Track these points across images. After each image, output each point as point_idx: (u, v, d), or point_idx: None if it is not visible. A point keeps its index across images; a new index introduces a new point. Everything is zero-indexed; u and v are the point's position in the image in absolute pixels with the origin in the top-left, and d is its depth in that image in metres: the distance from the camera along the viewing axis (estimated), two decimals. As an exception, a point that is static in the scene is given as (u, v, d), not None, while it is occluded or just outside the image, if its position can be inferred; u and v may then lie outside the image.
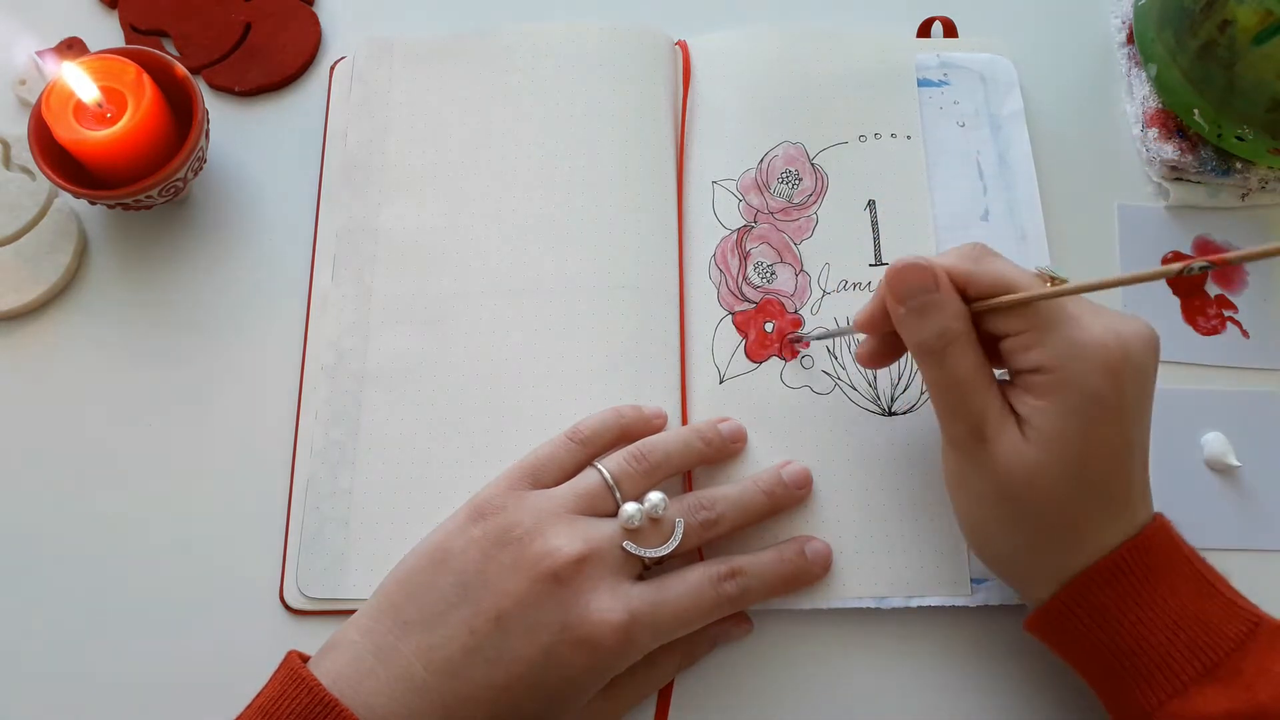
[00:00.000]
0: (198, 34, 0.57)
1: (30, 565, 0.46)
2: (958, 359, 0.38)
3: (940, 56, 0.55)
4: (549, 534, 0.39)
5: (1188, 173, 0.52)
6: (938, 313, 0.38)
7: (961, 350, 0.38)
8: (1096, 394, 0.36)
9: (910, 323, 0.39)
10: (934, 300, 0.38)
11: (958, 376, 0.38)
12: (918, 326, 0.38)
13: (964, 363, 0.38)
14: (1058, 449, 0.36)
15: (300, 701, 0.35)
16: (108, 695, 0.44)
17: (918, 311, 0.38)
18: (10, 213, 0.52)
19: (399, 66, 0.55)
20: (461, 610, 0.37)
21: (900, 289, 0.39)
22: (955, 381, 0.38)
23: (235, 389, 0.49)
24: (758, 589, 0.42)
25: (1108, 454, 0.37)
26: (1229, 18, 0.47)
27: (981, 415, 0.38)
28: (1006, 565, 0.41)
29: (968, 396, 0.38)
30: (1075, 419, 0.36)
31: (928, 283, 0.38)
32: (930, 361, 0.38)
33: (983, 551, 0.41)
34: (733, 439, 0.46)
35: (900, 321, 0.39)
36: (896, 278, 0.39)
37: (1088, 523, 0.38)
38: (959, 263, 0.39)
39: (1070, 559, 0.38)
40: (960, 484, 0.40)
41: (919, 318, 0.38)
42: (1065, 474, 0.37)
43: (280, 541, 0.46)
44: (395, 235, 0.51)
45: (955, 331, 0.38)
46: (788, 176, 0.52)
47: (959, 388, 0.38)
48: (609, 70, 0.54)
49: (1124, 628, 0.37)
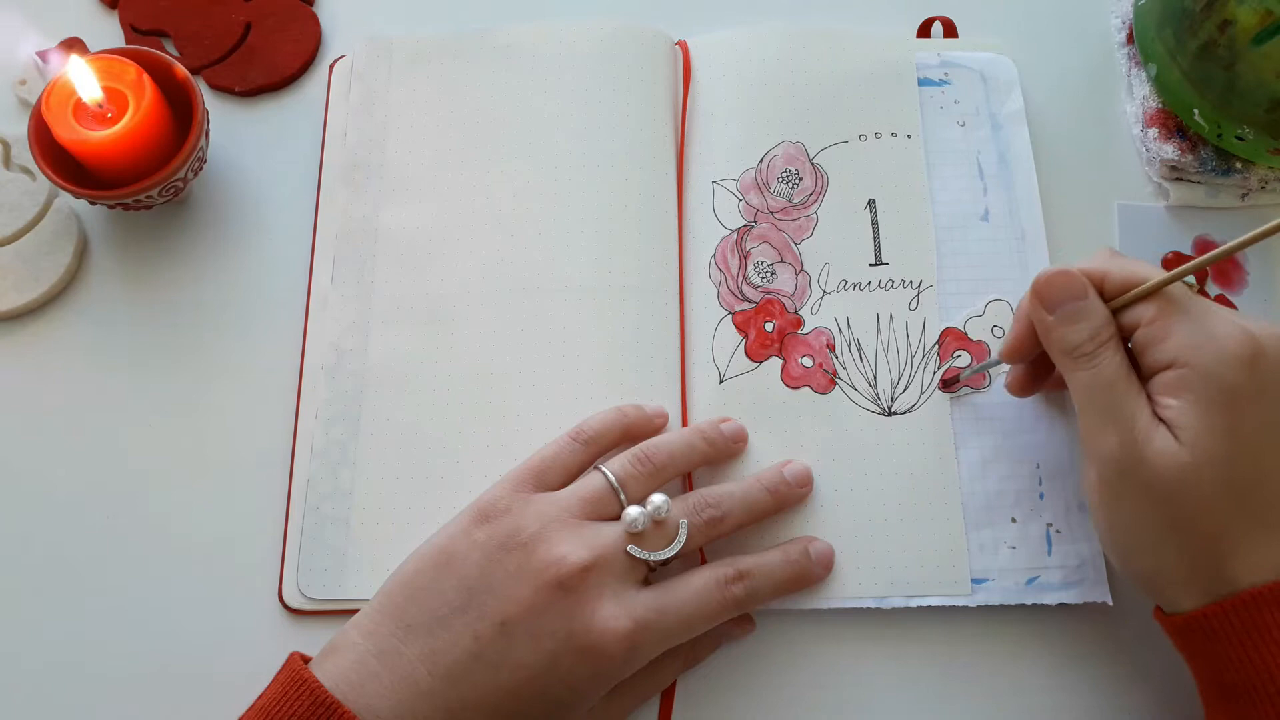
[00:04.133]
0: (198, 34, 0.57)
1: (30, 565, 0.47)
2: (1108, 360, 0.38)
3: (940, 56, 0.55)
4: (554, 540, 0.39)
5: (1188, 173, 0.52)
6: (1088, 317, 0.38)
7: (1112, 351, 0.38)
8: (1232, 386, 0.36)
9: (1060, 330, 0.39)
10: (1083, 306, 0.39)
11: (1109, 378, 0.38)
12: (1068, 332, 0.39)
13: (1114, 362, 0.38)
14: (1206, 447, 0.36)
15: (302, 703, 0.35)
16: (107, 695, 0.44)
17: (1069, 318, 0.39)
18: (10, 213, 0.52)
19: (398, 66, 0.55)
20: (465, 615, 0.37)
21: (1050, 297, 0.39)
22: (1108, 383, 0.38)
23: (235, 389, 0.49)
24: (765, 590, 0.42)
25: (1254, 452, 0.36)
26: (1229, 18, 0.47)
27: (1132, 418, 0.37)
28: (1154, 578, 0.39)
29: (1118, 399, 0.37)
30: (1217, 413, 0.36)
31: (1078, 290, 0.39)
32: (1081, 364, 0.38)
33: (1133, 567, 0.39)
34: (734, 439, 0.46)
35: (1049, 329, 0.39)
36: (1045, 287, 0.39)
37: (1240, 525, 0.37)
38: (1092, 265, 0.39)
39: (1225, 567, 0.37)
40: (1110, 497, 0.38)
41: (1070, 324, 0.39)
42: (1216, 474, 0.36)
43: (280, 541, 0.46)
44: (395, 235, 0.51)
45: (1106, 334, 0.38)
46: (788, 176, 0.52)
47: (1112, 390, 0.38)
48: (609, 70, 0.54)
49: None
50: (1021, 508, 0.46)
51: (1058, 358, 0.40)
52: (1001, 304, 0.49)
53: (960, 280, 0.50)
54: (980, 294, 0.49)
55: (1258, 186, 0.52)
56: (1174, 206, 0.52)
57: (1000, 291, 0.49)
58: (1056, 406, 0.47)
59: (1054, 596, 0.44)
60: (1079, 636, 0.44)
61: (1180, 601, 0.38)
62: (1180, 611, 0.38)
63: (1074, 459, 0.46)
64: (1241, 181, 0.51)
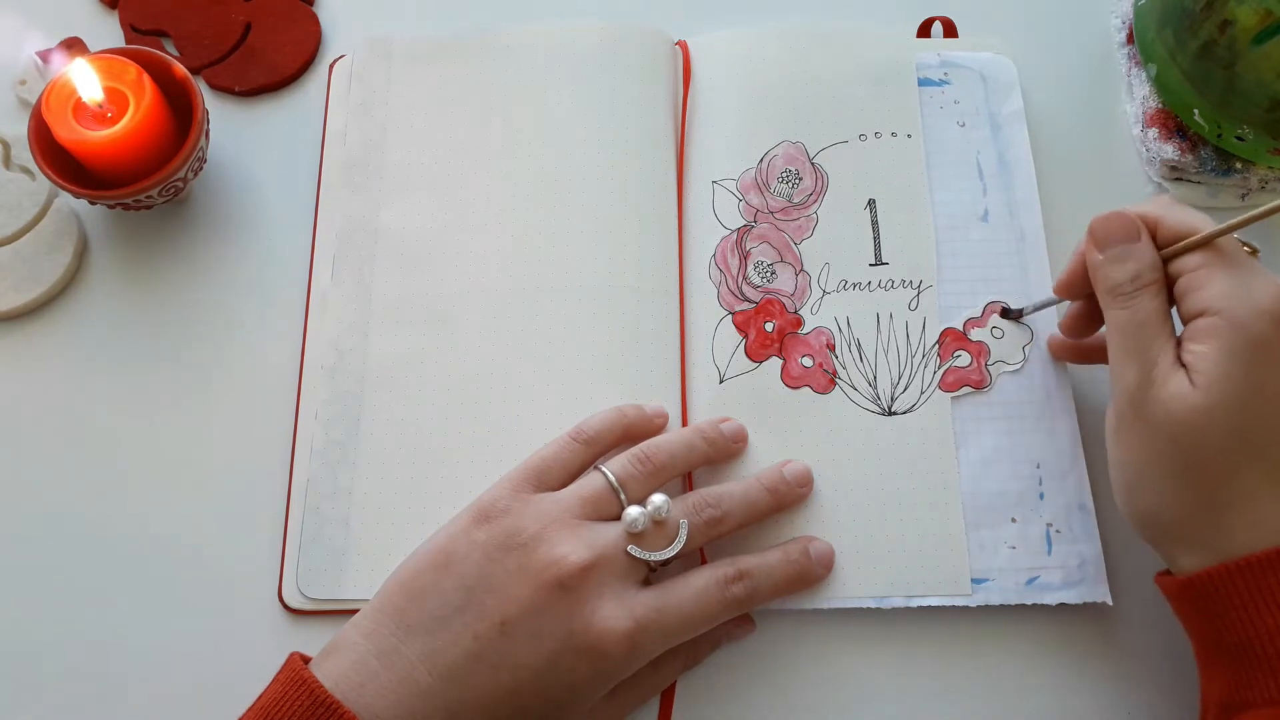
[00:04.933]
0: (198, 34, 0.57)
1: (29, 565, 0.46)
2: (1145, 301, 0.39)
3: (940, 56, 0.55)
4: (554, 540, 0.39)
5: (1188, 173, 0.52)
6: (1135, 259, 0.39)
7: (1151, 295, 0.39)
8: (1259, 338, 0.36)
9: (1107, 268, 0.40)
10: (1133, 248, 0.40)
11: (1141, 318, 0.39)
12: (1114, 271, 0.40)
13: (1150, 305, 0.39)
14: (1218, 392, 0.36)
15: (302, 703, 0.35)
16: (107, 695, 0.44)
17: (1116, 258, 0.40)
18: (10, 213, 0.52)
19: (398, 66, 0.55)
20: (465, 615, 0.37)
21: (1102, 237, 0.40)
22: (1139, 323, 0.39)
23: (235, 389, 0.49)
24: (765, 590, 0.42)
25: (1272, 407, 0.37)
26: (1229, 18, 0.47)
27: (1155, 359, 0.38)
28: (1155, 524, 0.40)
29: (1147, 339, 0.38)
30: (1238, 362, 0.36)
31: (1131, 232, 0.40)
32: (1119, 303, 0.39)
33: (1134, 506, 0.40)
34: (734, 439, 0.46)
35: (1096, 267, 0.40)
36: (1101, 226, 0.40)
37: (1248, 480, 0.37)
38: (1152, 209, 0.40)
39: (1224, 517, 0.37)
40: (1122, 432, 0.39)
41: (1116, 264, 0.40)
42: (1227, 421, 0.37)
43: (279, 541, 0.46)
44: (395, 235, 0.51)
45: (1148, 278, 0.39)
46: (788, 176, 0.52)
47: (1141, 329, 0.39)
48: (609, 70, 0.54)
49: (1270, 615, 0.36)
50: (1021, 508, 0.46)
51: (1101, 295, 0.41)
52: (1001, 304, 0.49)
53: (960, 280, 0.50)
54: (980, 294, 0.49)
55: (1258, 186, 0.52)
56: (1174, 206, 0.52)
57: (1000, 292, 0.49)
58: (1057, 406, 0.47)
59: (1054, 596, 0.44)
60: (1079, 636, 0.44)
61: (1180, 559, 0.39)
62: (1182, 571, 0.38)
63: (1074, 459, 0.46)
64: (1241, 181, 0.51)
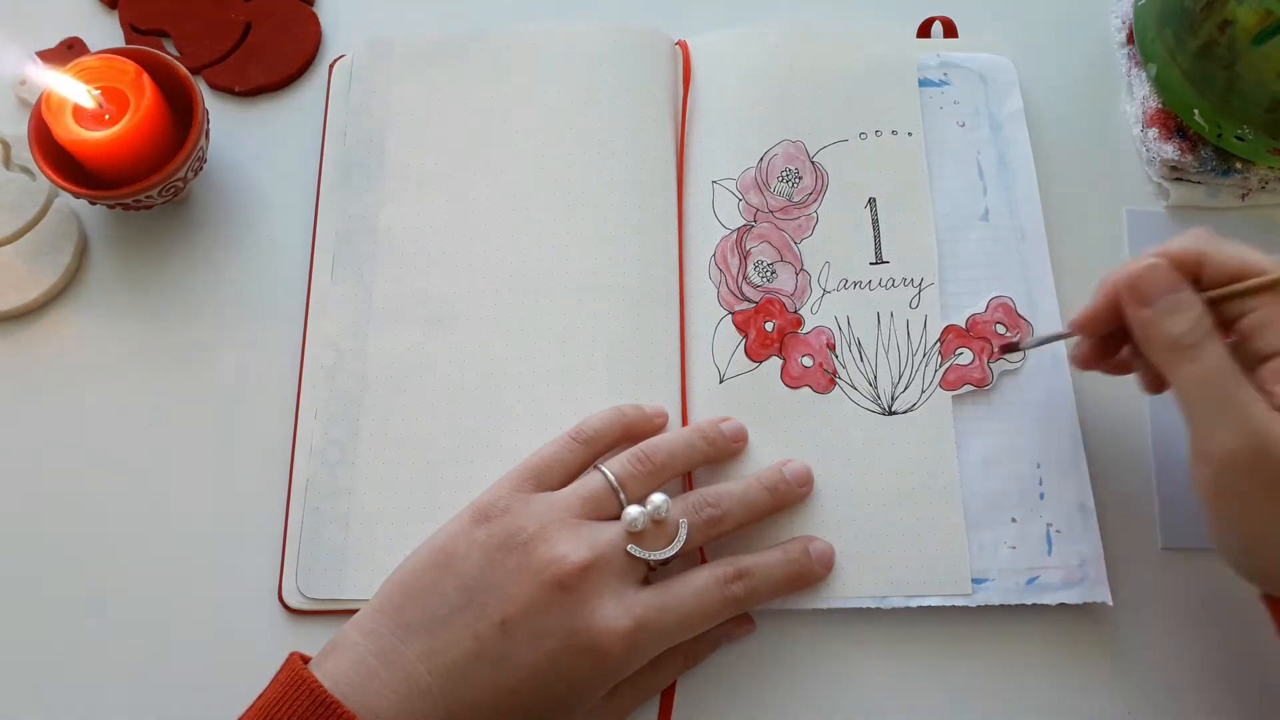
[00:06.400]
0: (198, 34, 0.57)
1: (29, 565, 0.46)
2: (1212, 350, 0.37)
3: (940, 56, 0.55)
4: (554, 540, 0.39)
5: (1188, 173, 0.52)
6: (1187, 309, 0.37)
7: (1215, 342, 0.37)
8: None
9: (1162, 323, 0.37)
10: (1181, 299, 0.37)
11: (1216, 368, 0.36)
12: (1170, 324, 0.37)
13: (1219, 353, 0.37)
14: None
15: (302, 703, 0.35)
16: (107, 695, 0.44)
17: (1169, 310, 0.37)
18: (10, 213, 0.52)
19: (399, 66, 0.55)
20: (465, 615, 0.37)
21: (1145, 292, 0.38)
22: (1215, 374, 0.36)
23: (235, 388, 0.49)
24: (765, 590, 0.42)
25: None
26: (1229, 18, 0.47)
27: (1248, 410, 0.35)
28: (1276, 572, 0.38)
29: (1231, 391, 0.36)
30: None
31: (1173, 282, 0.37)
32: (1187, 358, 0.37)
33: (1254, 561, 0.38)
34: (734, 438, 0.46)
35: (1148, 324, 0.38)
36: (1140, 281, 0.38)
37: None
38: (1192, 247, 0.38)
39: None
40: (1231, 495, 0.37)
41: (1170, 317, 0.37)
42: None
43: (279, 541, 0.46)
44: (395, 235, 0.51)
45: (1207, 323, 0.37)
46: (788, 175, 0.52)
47: (1221, 381, 0.36)
48: (609, 70, 0.54)
49: None
50: (1022, 508, 0.45)
51: (1159, 352, 0.38)
52: (1004, 300, 0.49)
53: (960, 280, 0.50)
54: (981, 293, 0.49)
55: (1258, 186, 0.52)
56: (1174, 206, 0.52)
57: (1000, 290, 0.49)
58: (1057, 406, 0.47)
59: (1054, 596, 0.44)
60: (1079, 636, 0.44)
61: None
62: None
63: (1075, 459, 0.46)
64: (1241, 181, 0.51)
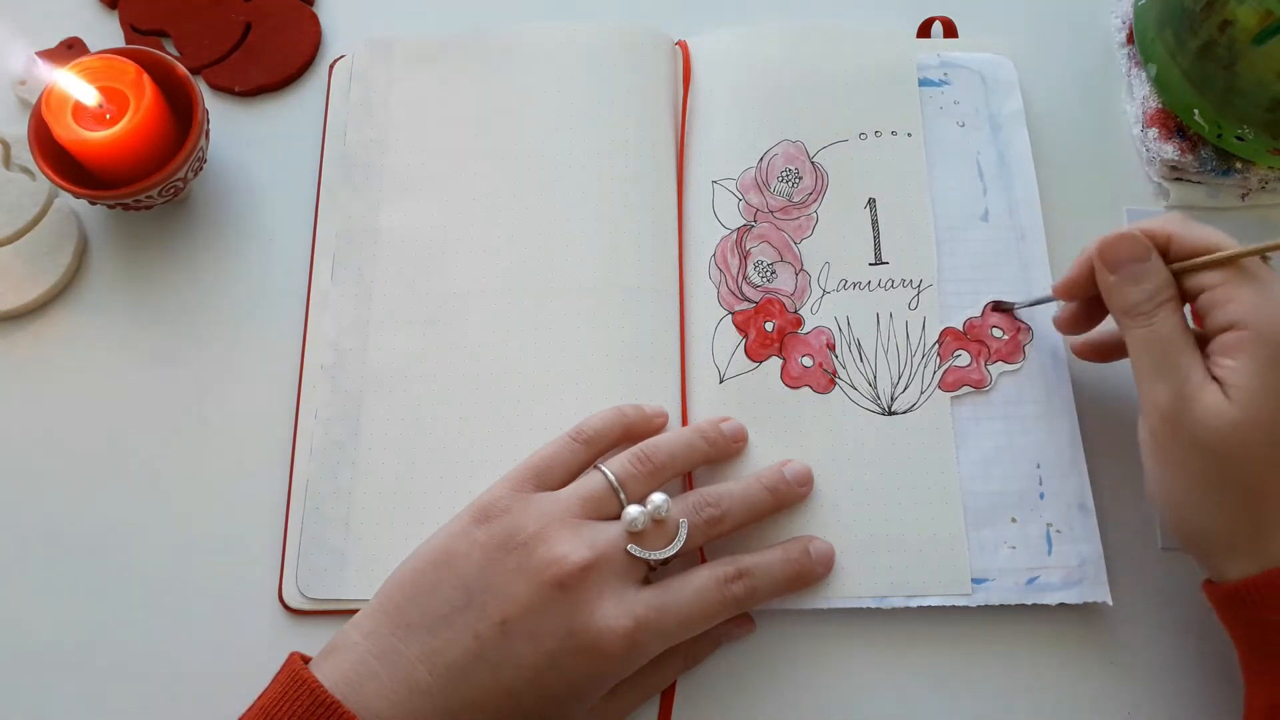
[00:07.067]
0: (198, 34, 0.57)
1: (30, 565, 0.46)
2: (1165, 318, 0.39)
3: (940, 56, 0.55)
4: (554, 540, 0.39)
5: (1188, 173, 0.52)
6: (1149, 278, 0.40)
7: (1170, 311, 0.40)
8: None
9: (1122, 288, 0.40)
10: (1145, 267, 0.40)
11: (1164, 335, 0.39)
12: (1129, 291, 0.40)
13: (1171, 321, 0.39)
14: (1257, 406, 0.37)
15: (302, 703, 0.35)
16: (108, 694, 0.44)
17: (1130, 278, 0.40)
18: (10, 213, 0.52)
19: (398, 66, 0.55)
20: (465, 615, 0.37)
21: (1112, 258, 0.41)
22: (1162, 340, 0.39)
23: (235, 389, 0.49)
24: (765, 590, 0.42)
25: None
26: (1229, 18, 0.47)
27: (1185, 374, 0.38)
28: (1200, 536, 0.40)
29: (1173, 355, 0.39)
30: (1272, 375, 0.37)
31: (1140, 252, 0.40)
32: (1139, 322, 0.40)
33: (1178, 520, 0.40)
34: (734, 438, 0.46)
35: (1111, 289, 0.41)
36: (1109, 248, 0.41)
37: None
38: (1163, 226, 0.41)
39: (1268, 529, 0.38)
40: (1160, 451, 0.40)
41: (1131, 284, 0.40)
42: (1264, 434, 0.37)
43: (280, 542, 0.46)
44: (395, 235, 0.51)
45: (1165, 295, 0.40)
46: (788, 175, 0.52)
47: (1165, 345, 0.39)
48: (609, 70, 0.54)
49: None
50: (1022, 508, 0.46)
51: (1117, 316, 0.41)
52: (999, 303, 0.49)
53: (960, 280, 0.50)
54: (980, 294, 0.49)
55: (1258, 186, 0.52)
56: (1174, 207, 0.52)
57: (1000, 291, 0.49)
58: (1057, 406, 0.47)
59: (1054, 596, 0.44)
60: (1079, 636, 0.44)
61: (1227, 569, 0.39)
62: (1227, 579, 0.39)
63: (1074, 459, 0.46)
64: (1241, 181, 0.51)
